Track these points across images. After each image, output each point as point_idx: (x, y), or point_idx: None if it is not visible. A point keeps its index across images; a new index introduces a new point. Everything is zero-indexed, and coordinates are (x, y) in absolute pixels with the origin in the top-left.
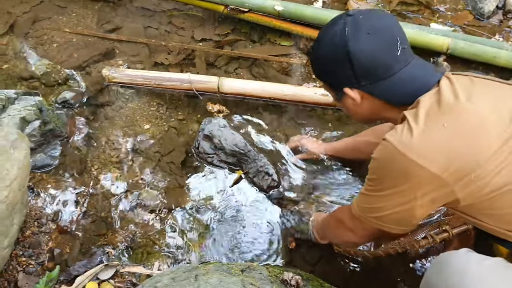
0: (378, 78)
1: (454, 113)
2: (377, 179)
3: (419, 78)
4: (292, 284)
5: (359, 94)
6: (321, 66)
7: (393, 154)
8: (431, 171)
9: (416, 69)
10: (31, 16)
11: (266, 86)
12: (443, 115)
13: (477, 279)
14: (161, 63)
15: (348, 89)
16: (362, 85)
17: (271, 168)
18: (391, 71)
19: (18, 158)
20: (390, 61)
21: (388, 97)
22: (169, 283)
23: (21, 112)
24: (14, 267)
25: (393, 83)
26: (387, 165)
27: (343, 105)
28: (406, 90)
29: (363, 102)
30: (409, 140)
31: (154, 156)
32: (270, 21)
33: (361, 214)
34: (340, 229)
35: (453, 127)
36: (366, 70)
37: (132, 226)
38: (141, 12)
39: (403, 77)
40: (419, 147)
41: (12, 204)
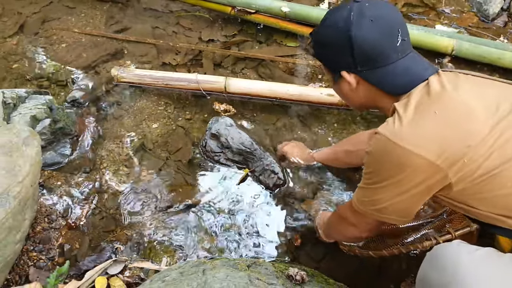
0: (375, 65)
1: (443, 101)
2: (373, 171)
3: (414, 70)
4: (297, 279)
5: (355, 79)
6: (322, 48)
7: (386, 146)
8: (426, 158)
9: (412, 62)
10: (40, 16)
11: (272, 86)
12: (433, 104)
13: (469, 269)
14: (169, 63)
15: (345, 72)
16: (359, 71)
17: (277, 166)
18: (388, 60)
19: (30, 155)
20: (389, 50)
21: (383, 85)
22: (177, 277)
23: (31, 110)
24: (25, 261)
25: (389, 72)
26: (382, 157)
27: (338, 88)
28: (400, 80)
29: (358, 88)
30: (401, 130)
31: (162, 154)
32: (276, 22)
33: (361, 208)
34: (342, 225)
35: (444, 114)
36: (365, 56)
37: (140, 222)
38: (149, 13)
39: (399, 67)
40: (412, 135)
41: (24, 200)
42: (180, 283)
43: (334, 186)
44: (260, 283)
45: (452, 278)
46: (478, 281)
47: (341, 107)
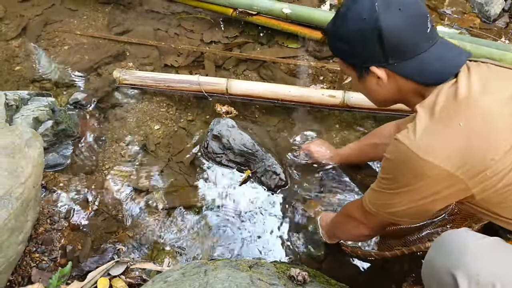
0: (407, 56)
1: (469, 110)
2: (391, 178)
3: (447, 56)
4: (299, 280)
5: (385, 73)
6: (346, 43)
7: (405, 155)
8: (446, 169)
9: (444, 48)
10: (43, 19)
11: (273, 87)
12: (458, 112)
13: (475, 255)
14: (170, 65)
15: (375, 67)
16: (390, 63)
17: (278, 167)
18: (421, 48)
19: (32, 156)
20: (421, 39)
21: (417, 76)
22: (179, 278)
23: (34, 112)
24: (27, 262)
25: (422, 62)
26: (401, 165)
27: (363, 85)
28: (435, 68)
29: (388, 82)
30: (421, 139)
31: (164, 156)
32: (278, 24)
33: (373, 209)
34: (350, 224)
35: (468, 125)
36: (397, 47)
37: (142, 224)
38: (151, 15)
39: (432, 55)
40: (432, 145)
41: (27, 201)
42: (182, 284)
43: (336, 187)
44: (262, 283)
45: (457, 262)
46: (483, 266)
47: (343, 108)
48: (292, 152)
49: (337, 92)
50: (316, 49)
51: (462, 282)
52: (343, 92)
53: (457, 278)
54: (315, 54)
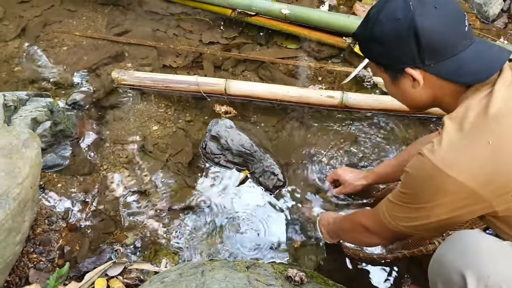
0: (445, 56)
1: (500, 127)
2: (412, 193)
3: (484, 57)
4: (296, 281)
5: (421, 75)
6: (378, 45)
7: (429, 170)
8: (469, 186)
9: (482, 48)
10: (42, 19)
11: (272, 88)
12: (488, 128)
13: (488, 258)
14: (169, 65)
15: (410, 69)
16: (426, 64)
17: (276, 168)
18: (458, 48)
19: (29, 157)
20: (458, 38)
21: (453, 77)
22: (176, 278)
23: (32, 113)
24: (25, 263)
25: (461, 62)
26: (424, 181)
27: (397, 87)
28: (471, 70)
29: (424, 84)
30: (446, 154)
31: (162, 156)
32: (277, 25)
33: (391, 222)
34: (361, 233)
35: (497, 144)
36: (434, 47)
37: (140, 224)
38: (150, 16)
39: (469, 55)
40: (457, 161)
41: (24, 201)
42: (179, 284)
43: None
44: (259, 284)
45: (469, 262)
46: (494, 268)
47: (341, 108)
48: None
49: (336, 92)
50: (315, 49)
51: (471, 282)
52: (341, 93)
53: (467, 278)
54: (314, 54)
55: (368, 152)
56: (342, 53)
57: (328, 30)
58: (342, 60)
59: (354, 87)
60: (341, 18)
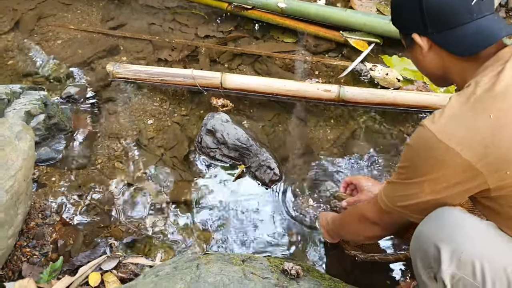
0: (447, 26)
1: (504, 103)
2: (410, 166)
3: (488, 29)
4: (292, 274)
5: (428, 43)
6: (395, 11)
7: (429, 140)
8: (467, 160)
9: (489, 22)
10: (36, 13)
11: (268, 81)
12: (492, 103)
13: (465, 235)
14: (164, 59)
15: (416, 35)
16: (430, 33)
17: (273, 162)
18: (461, 20)
19: (22, 149)
20: (462, 10)
21: (453, 47)
22: (171, 271)
23: (26, 106)
24: (18, 257)
25: (461, 34)
26: (422, 151)
27: (411, 55)
28: (471, 40)
29: (430, 53)
30: (447, 125)
31: (157, 150)
32: (273, 18)
33: (388, 204)
34: (362, 225)
35: (500, 118)
36: (436, 16)
37: (135, 218)
38: (145, 10)
39: (472, 28)
40: (457, 133)
41: (17, 194)
42: (173, 278)
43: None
44: (255, 277)
45: (446, 236)
46: (470, 245)
47: (338, 102)
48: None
49: (333, 86)
50: (312, 43)
51: (445, 255)
52: (338, 86)
53: (441, 250)
54: (311, 48)
55: (365, 146)
56: (339, 47)
57: (325, 24)
58: (339, 54)
59: (352, 81)
60: (338, 12)
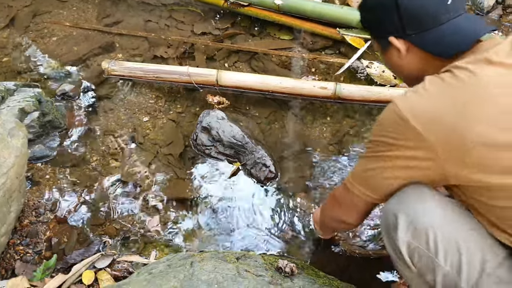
0: (425, 27)
1: (474, 95)
2: (374, 140)
3: (466, 27)
4: (286, 272)
5: (405, 45)
6: (368, 12)
7: (395, 116)
8: (428, 140)
9: (466, 21)
10: (31, 9)
11: (264, 78)
12: (462, 93)
13: (425, 207)
14: (160, 56)
15: (393, 38)
16: (408, 34)
17: (268, 159)
18: (439, 20)
19: (15, 146)
20: (440, 10)
21: (433, 48)
22: (165, 269)
23: (20, 103)
24: (11, 255)
25: (440, 34)
26: (385, 124)
27: (387, 58)
28: (450, 40)
29: (408, 55)
30: (416, 106)
31: (152, 148)
32: (270, 15)
33: (351, 181)
34: (331, 207)
35: (466, 107)
36: (413, 17)
37: (130, 216)
38: (142, 6)
39: (450, 28)
40: (424, 115)
41: (10, 192)
42: (166, 275)
43: (326, 180)
44: (249, 275)
45: (406, 207)
46: (427, 217)
47: (334, 100)
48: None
49: (329, 83)
50: (309, 40)
51: (401, 223)
52: (335, 84)
53: (398, 219)
54: (308, 45)
55: (361, 144)
56: (335, 44)
57: (322, 21)
58: (335, 51)
59: (348, 79)
60: (334, 9)
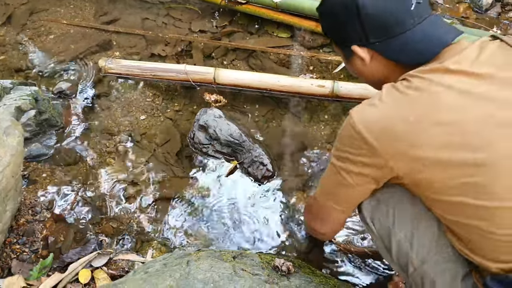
0: (388, 35)
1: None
2: (334, 154)
3: (433, 34)
4: (283, 270)
5: (369, 54)
6: (329, 20)
7: (351, 129)
8: (382, 154)
9: (432, 26)
10: (28, 7)
11: (262, 77)
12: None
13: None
14: (158, 54)
15: (356, 47)
16: (371, 43)
17: (266, 158)
18: (403, 27)
19: (11, 145)
20: (403, 16)
21: (399, 56)
22: (161, 268)
23: (16, 101)
24: (7, 254)
25: (405, 41)
26: (345, 139)
27: (351, 65)
28: (416, 49)
29: (372, 63)
30: (370, 118)
31: (149, 146)
32: (268, 13)
33: (318, 193)
34: (307, 219)
35: (419, 121)
36: (376, 25)
37: (126, 215)
38: (139, 4)
39: (416, 35)
40: (376, 127)
41: (5, 191)
42: (162, 274)
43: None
44: (245, 274)
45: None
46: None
47: (332, 98)
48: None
49: (327, 82)
50: (307, 38)
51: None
52: (332, 82)
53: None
54: (306, 43)
55: None
56: None
57: None
58: (333, 49)
59: (346, 77)
60: None
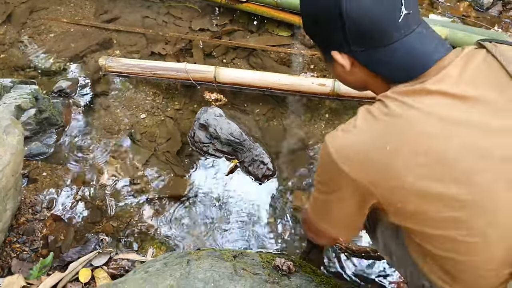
0: (372, 45)
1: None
2: (321, 181)
3: (419, 51)
4: (283, 270)
5: (349, 60)
6: (310, 23)
7: (327, 158)
8: (349, 175)
9: (419, 41)
10: (28, 6)
11: (263, 75)
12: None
13: None
14: (158, 53)
15: (336, 53)
16: (353, 50)
17: (266, 157)
18: (388, 39)
19: (11, 144)
20: (389, 27)
21: (380, 70)
22: (161, 267)
23: (16, 100)
24: (8, 253)
25: (388, 54)
26: (323, 167)
27: (333, 70)
28: (402, 64)
29: (352, 70)
30: (345, 147)
31: (150, 145)
32: (268, 11)
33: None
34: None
35: (395, 150)
36: (359, 33)
37: (127, 214)
38: (139, 3)
39: (403, 48)
40: (352, 156)
41: (5, 190)
42: (163, 274)
43: None
44: (245, 273)
45: None
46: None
47: (333, 97)
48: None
49: (327, 80)
50: (307, 37)
51: None
52: (333, 81)
53: None
54: (306, 42)
55: None
56: None
57: None
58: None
59: None
60: None
